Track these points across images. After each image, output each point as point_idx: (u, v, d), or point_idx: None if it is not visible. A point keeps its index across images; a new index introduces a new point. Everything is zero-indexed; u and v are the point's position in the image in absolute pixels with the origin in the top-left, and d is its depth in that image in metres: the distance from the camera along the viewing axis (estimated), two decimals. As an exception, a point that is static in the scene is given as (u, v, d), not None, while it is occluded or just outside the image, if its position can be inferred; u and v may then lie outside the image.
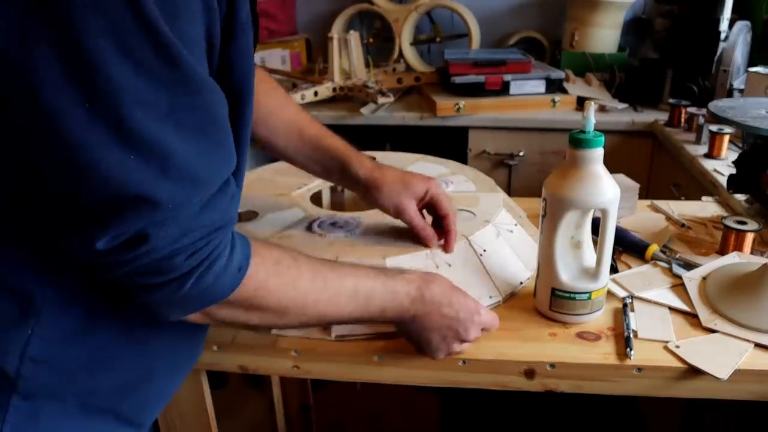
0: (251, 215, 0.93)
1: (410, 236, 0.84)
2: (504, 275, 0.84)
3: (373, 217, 0.92)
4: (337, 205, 1.09)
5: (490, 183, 1.04)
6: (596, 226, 0.75)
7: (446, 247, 0.82)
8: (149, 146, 0.44)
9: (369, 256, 0.80)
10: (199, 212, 0.48)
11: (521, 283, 0.85)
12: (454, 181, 1.04)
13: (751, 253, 0.93)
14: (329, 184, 1.07)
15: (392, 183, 0.81)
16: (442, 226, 0.82)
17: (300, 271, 0.58)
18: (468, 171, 1.10)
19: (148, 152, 0.44)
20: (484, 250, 0.84)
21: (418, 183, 0.81)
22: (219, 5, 0.48)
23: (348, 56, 1.89)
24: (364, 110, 1.80)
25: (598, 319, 0.79)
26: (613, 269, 0.90)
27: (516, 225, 0.92)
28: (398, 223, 0.89)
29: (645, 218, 1.07)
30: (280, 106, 0.83)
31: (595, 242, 0.76)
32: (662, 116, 1.72)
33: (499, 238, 0.87)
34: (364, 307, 0.63)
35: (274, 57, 2.14)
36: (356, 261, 0.79)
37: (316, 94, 1.82)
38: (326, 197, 1.07)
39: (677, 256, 0.93)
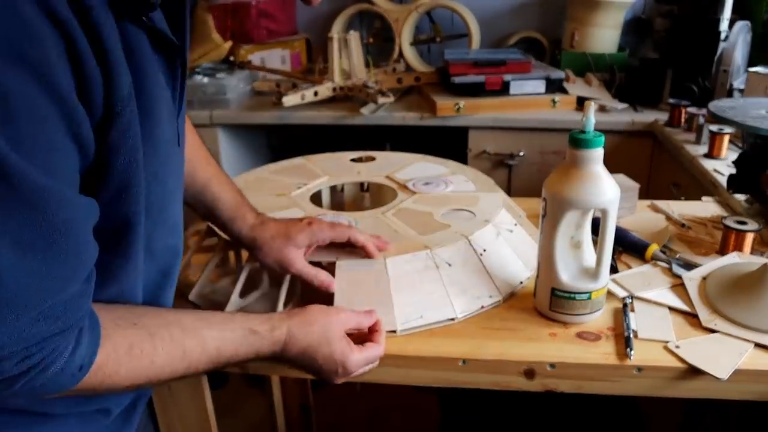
0: None
1: (406, 238, 0.84)
2: (504, 275, 0.84)
3: (371, 216, 0.92)
4: (336, 205, 1.09)
5: (489, 183, 1.04)
6: (596, 226, 0.75)
7: (369, 255, 0.79)
8: None
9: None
10: (33, 323, 0.44)
11: (521, 282, 0.85)
12: (453, 181, 1.04)
13: (751, 253, 0.93)
14: (329, 184, 1.07)
15: (272, 240, 0.78)
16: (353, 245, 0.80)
17: (155, 349, 0.55)
18: (468, 171, 1.10)
19: None
20: (484, 250, 0.84)
21: (300, 234, 0.78)
22: (85, 94, 0.43)
23: (348, 56, 1.89)
24: (364, 110, 1.80)
25: (598, 319, 0.79)
26: (613, 269, 0.90)
27: (516, 225, 0.92)
28: (396, 225, 0.89)
29: (645, 218, 1.07)
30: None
31: (595, 242, 0.76)
32: (662, 116, 1.72)
33: (499, 238, 0.87)
34: (223, 365, 0.63)
35: (274, 57, 2.14)
36: (353, 262, 0.80)
37: (316, 94, 1.83)
38: (326, 197, 1.07)
39: (677, 256, 0.93)
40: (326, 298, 0.79)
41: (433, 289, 0.79)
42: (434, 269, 0.80)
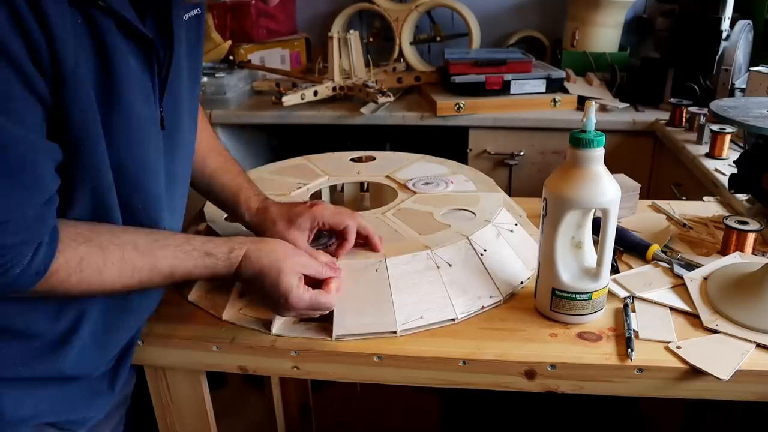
0: None
1: (406, 238, 0.84)
2: (504, 275, 0.84)
3: (371, 216, 0.92)
4: (337, 204, 1.08)
5: (490, 183, 1.04)
6: (597, 226, 0.74)
7: (374, 249, 0.81)
8: None
9: (369, 257, 0.80)
10: None
11: (521, 282, 0.85)
12: (454, 181, 1.03)
13: (753, 253, 0.93)
14: (329, 183, 1.07)
15: (274, 224, 0.81)
16: (346, 236, 0.81)
17: (105, 264, 0.62)
18: (468, 171, 1.10)
19: None
20: (485, 250, 0.84)
21: (303, 217, 0.80)
22: (36, 56, 0.52)
23: (348, 56, 1.88)
24: (364, 110, 1.80)
25: (599, 319, 0.79)
26: (614, 269, 0.89)
27: (516, 225, 0.92)
28: (396, 225, 0.89)
29: (646, 218, 1.07)
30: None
31: (595, 242, 0.76)
32: (663, 116, 1.71)
33: (500, 238, 0.87)
34: (181, 280, 0.68)
35: (273, 56, 2.14)
36: (353, 262, 0.79)
37: (316, 93, 1.82)
38: (326, 197, 1.07)
39: (678, 256, 0.93)
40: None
41: (433, 290, 0.79)
42: (434, 269, 0.80)
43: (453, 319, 0.78)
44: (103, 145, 0.60)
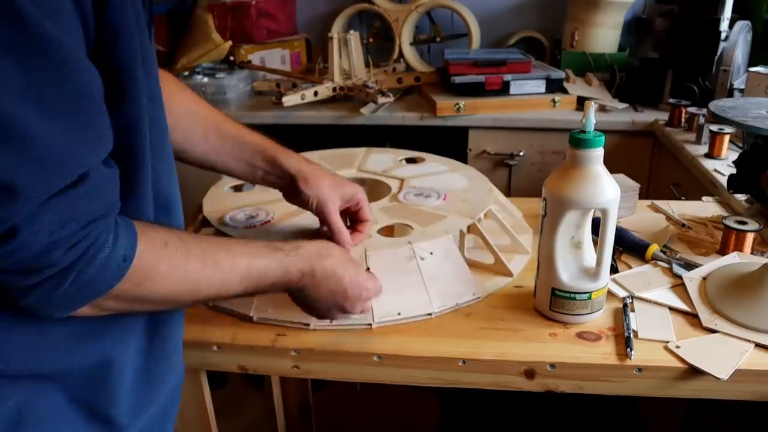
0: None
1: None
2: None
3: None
4: None
5: (484, 181, 1.05)
6: (596, 226, 0.75)
7: (354, 239, 0.81)
8: (2, 126, 0.40)
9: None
10: (76, 200, 0.45)
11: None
12: (448, 195, 1.00)
13: (752, 253, 0.93)
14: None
15: (322, 178, 0.79)
16: (355, 228, 0.83)
17: (189, 252, 0.55)
18: (468, 170, 1.10)
19: (2, 133, 0.40)
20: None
21: (348, 186, 0.81)
22: None
23: (348, 56, 1.89)
24: (364, 110, 1.80)
25: (599, 319, 0.79)
26: (614, 269, 0.89)
27: (431, 253, 0.84)
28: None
29: (645, 218, 1.07)
30: (193, 106, 0.79)
31: (595, 242, 0.76)
32: (662, 116, 1.71)
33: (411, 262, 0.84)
34: (255, 285, 0.62)
35: (273, 57, 2.14)
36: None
37: (316, 94, 1.82)
38: None
39: (677, 256, 0.93)
40: None
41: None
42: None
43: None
44: (143, 91, 0.52)
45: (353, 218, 0.84)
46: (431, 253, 0.81)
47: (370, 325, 0.77)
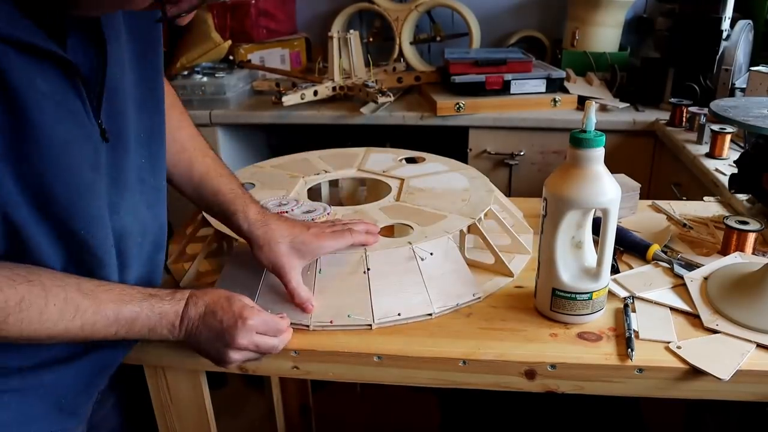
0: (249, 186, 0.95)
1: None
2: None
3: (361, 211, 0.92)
4: (335, 199, 1.09)
5: (484, 181, 1.05)
6: (597, 226, 0.74)
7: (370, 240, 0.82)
8: None
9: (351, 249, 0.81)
10: None
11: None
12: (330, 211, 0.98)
13: (753, 253, 0.93)
14: (328, 179, 1.07)
15: (276, 244, 0.77)
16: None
17: (47, 304, 0.59)
18: (466, 169, 1.10)
19: None
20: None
21: (308, 246, 0.78)
22: None
23: (348, 55, 1.88)
24: (364, 110, 1.80)
25: (599, 319, 0.79)
26: (614, 269, 0.89)
27: (431, 254, 0.84)
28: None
29: (646, 218, 1.07)
30: (174, 128, 0.79)
31: (595, 242, 0.76)
32: (663, 116, 1.71)
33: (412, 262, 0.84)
34: (127, 330, 0.65)
35: (273, 56, 2.14)
36: (337, 256, 0.80)
37: (315, 93, 1.82)
38: (325, 191, 1.08)
39: (678, 256, 0.92)
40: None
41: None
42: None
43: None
44: (8, 178, 0.55)
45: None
46: (431, 254, 0.81)
47: (370, 325, 0.77)
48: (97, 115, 0.62)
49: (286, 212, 0.89)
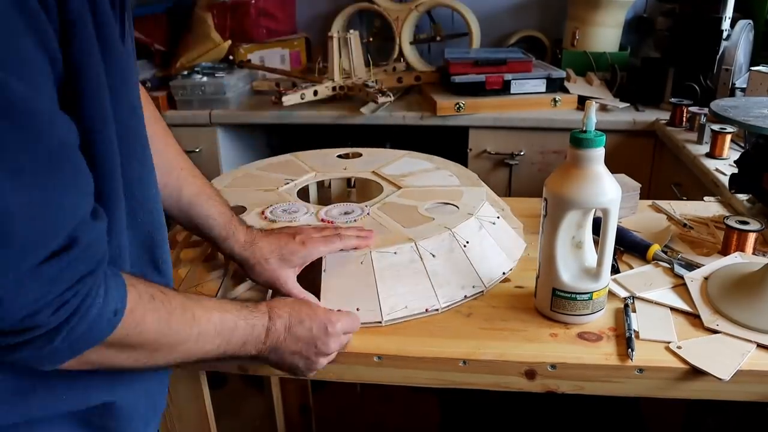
0: (240, 210, 0.93)
1: (391, 231, 0.85)
2: (487, 266, 0.86)
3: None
4: (324, 200, 1.09)
5: (473, 178, 1.05)
6: (597, 226, 0.74)
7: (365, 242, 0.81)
8: None
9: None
10: (65, 265, 0.43)
11: (504, 273, 0.87)
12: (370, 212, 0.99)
13: (754, 253, 0.93)
14: (316, 179, 1.07)
15: (266, 261, 0.77)
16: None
17: (172, 306, 0.55)
18: (452, 166, 1.11)
19: None
20: (467, 242, 0.85)
21: (294, 255, 0.78)
22: (43, 3, 0.39)
23: (348, 55, 1.88)
24: (364, 110, 1.80)
25: (599, 319, 0.79)
26: (615, 269, 0.89)
27: (498, 218, 0.93)
28: (381, 219, 0.89)
29: (646, 218, 1.07)
30: (161, 145, 0.74)
31: (596, 242, 0.76)
32: (664, 116, 1.71)
33: (482, 231, 0.89)
34: (227, 342, 0.61)
35: (273, 56, 2.14)
36: (341, 256, 0.80)
37: (315, 93, 1.82)
38: (313, 192, 1.07)
39: (679, 256, 0.92)
40: (311, 288, 0.79)
41: (417, 281, 0.80)
42: (418, 261, 0.80)
43: (437, 309, 0.80)
44: (111, 120, 0.49)
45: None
46: (433, 255, 0.81)
47: (380, 322, 0.77)
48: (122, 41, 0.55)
49: (294, 220, 0.89)
